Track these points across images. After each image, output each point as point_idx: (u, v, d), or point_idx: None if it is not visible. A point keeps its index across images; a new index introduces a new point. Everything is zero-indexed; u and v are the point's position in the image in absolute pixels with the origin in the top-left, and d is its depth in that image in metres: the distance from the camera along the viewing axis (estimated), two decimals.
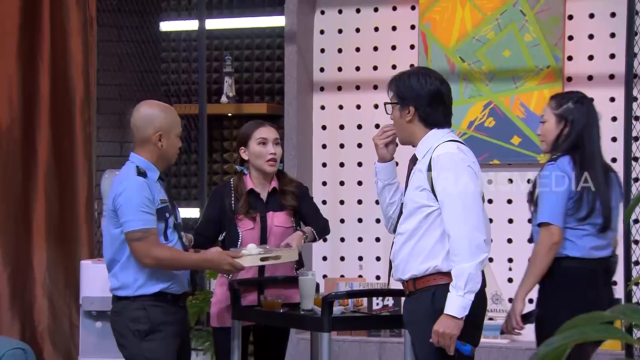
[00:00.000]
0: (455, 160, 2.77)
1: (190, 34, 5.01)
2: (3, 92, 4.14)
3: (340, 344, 4.45)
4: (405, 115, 2.87)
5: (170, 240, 3.13)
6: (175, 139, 3.19)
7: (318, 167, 4.90)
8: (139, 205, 3.02)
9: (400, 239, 2.86)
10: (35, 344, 4.11)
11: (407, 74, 2.93)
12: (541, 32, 4.46)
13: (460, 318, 2.70)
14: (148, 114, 3.13)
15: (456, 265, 2.72)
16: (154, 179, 3.12)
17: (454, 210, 2.74)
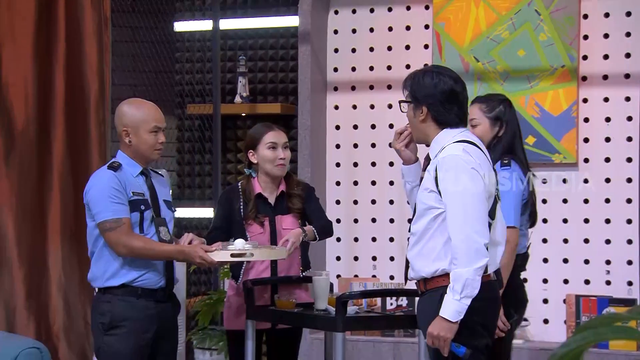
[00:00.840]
0: (458, 162, 2.75)
1: (204, 34, 5.02)
2: (19, 93, 4.16)
3: (354, 344, 4.45)
4: (419, 115, 2.86)
5: (147, 234, 3.16)
6: (147, 135, 3.19)
7: (332, 167, 4.90)
8: (108, 196, 3.08)
9: (412, 239, 2.86)
10: (51, 343, 4.12)
11: (421, 73, 2.92)
12: (556, 32, 4.44)
13: (454, 322, 2.69)
14: (119, 111, 3.22)
15: (455, 269, 2.71)
16: (133, 174, 3.17)
17: (454, 214, 2.73)
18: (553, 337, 4.44)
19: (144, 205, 3.15)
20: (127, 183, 3.13)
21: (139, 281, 3.14)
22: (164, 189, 3.30)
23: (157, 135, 3.18)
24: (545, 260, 4.51)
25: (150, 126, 3.17)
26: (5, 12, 4.13)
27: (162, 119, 3.21)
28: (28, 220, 4.19)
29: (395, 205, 4.77)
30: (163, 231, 3.18)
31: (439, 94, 2.84)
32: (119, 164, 3.15)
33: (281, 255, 3.36)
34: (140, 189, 3.16)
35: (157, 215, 3.18)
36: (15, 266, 4.16)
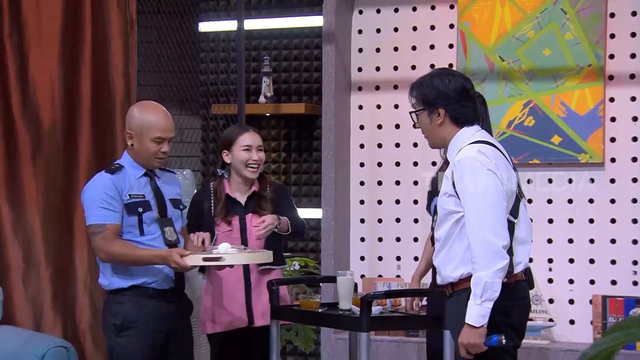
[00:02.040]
0: (474, 164, 2.74)
1: (229, 34, 5.04)
2: (46, 94, 4.20)
3: (378, 344, 4.45)
4: (435, 119, 2.84)
5: (147, 234, 3.17)
6: (149, 143, 3.18)
7: (356, 166, 4.90)
8: (97, 200, 3.10)
9: (437, 245, 2.86)
10: (77, 342, 4.16)
11: (428, 78, 2.90)
12: (582, 31, 4.41)
13: (479, 326, 2.68)
14: (129, 112, 3.24)
15: (474, 273, 2.70)
16: (136, 176, 3.18)
17: (471, 216, 2.72)
18: (579, 338, 4.41)
19: (143, 207, 3.16)
20: (125, 186, 3.15)
21: (149, 282, 3.16)
22: (171, 188, 3.30)
23: (160, 145, 3.18)
24: (572, 260, 4.49)
25: (153, 135, 3.17)
26: (32, 14, 4.17)
27: (169, 129, 3.19)
28: (55, 221, 4.22)
29: (420, 205, 4.76)
30: (168, 231, 3.19)
31: (453, 93, 2.83)
32: (119, 167, 3.17)
33: (264, 259, 3.31)
34: (141, 191, 3.18)
35: (162, 216, 3.19)
36: (42, 266, 4.20)
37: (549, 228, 4.49)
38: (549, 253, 4.50)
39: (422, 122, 2.88)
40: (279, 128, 5.14)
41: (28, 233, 4.18)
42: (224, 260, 3.15)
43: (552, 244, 4.50)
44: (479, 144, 2.80)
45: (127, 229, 3.17)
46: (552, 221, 4.51)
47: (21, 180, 4.19)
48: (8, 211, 4.15)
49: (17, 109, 4.18)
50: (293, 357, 5.02)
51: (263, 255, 3.30)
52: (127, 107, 4.37)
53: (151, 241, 3.18)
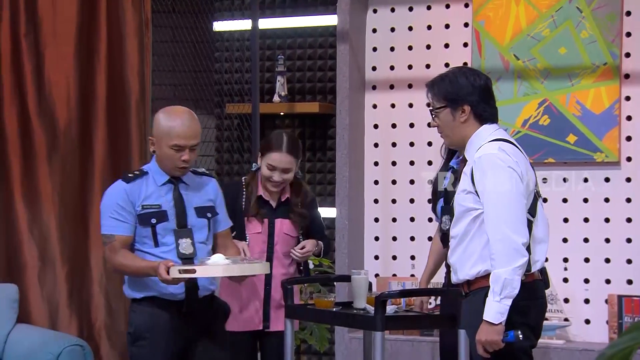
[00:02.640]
0: (494, 161, 2.73)
1: (243, 33, 5.05)
2: (61, 93, 4.22)
3: (392, 343, 4.44)
4: (459, 116, 2.83)
5: (162, 245, 3.06)
6: (167, 150, 3.07)
7: (370, 165, 4.90)
8: (109, 210, 3.06)
9: (453, 242, 2.85)
10: (93, 341, 4.18)
11: (451, 74, 2.89)
12: (598, 29, 4.39)
13: (497, 324, 2.68)
14: (154, 118, 3.17)
15: (493, 270, 2.69)
16: (158, 183, 3.09)
17: (491, 213, 2.71)
18: (595, 337, 4.39)
19: (157, 217, 3.05)
20: (140, 195, 3.05)
21: (160, 293, 3.07)
22: (200, 194, 3.17)
23: (180, 152, 3.06)
24: (587, 260, 4.47)
25: (171, 143, 3.06)
26: (48, 14, 4.19)
27: (188, 136, 3.06)
28: (70, 220, 4.24)
29: None
30: (184, 244, 3.06)
31: (478, 90, 2.83)
32: (139, 173, 3.09)
33: (252, 271, 3.11)
34: (158, 200, 3.07)
35: (181, 226, 3.07)
36: (58, 264, 4.22)
37: (564, 227, 4.47)
38: (564, 252, 4.48)
39: (444, 119, 2.85)
40: (293, 127, 5.15)
41: (44, 232, 4.20)
42: (195, 273, 2.95)
43: (568, 243, 4.48)
44: (500, 142, 2.80)
45: (142, 240, 3.09)
46: (568, 220, 4.49)
47: (37, 180, 4.22)
48: (24, 210, 4.18)
49: (32, 108, 4.20)
50: (307, 356, 5.02)
51: (253, 266, 3.08)
52: (142, 106, 4.40)
53: (165, 253, 3.07)
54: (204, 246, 3.14)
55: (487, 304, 2.69)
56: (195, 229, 3.10)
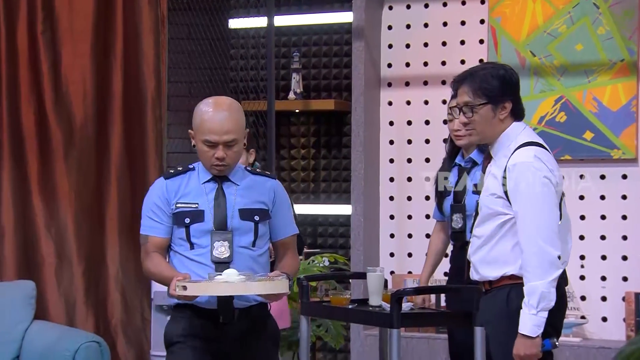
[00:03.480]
0: (532, 171, 2.70)
1: (258, 31, 5.05)
2: (78, 90, 4.24)
3: (408, 340, 4.44)
4: (500, 113, 2.78)
5: (197, 248, 2.79)
6: (201, 145, 2.78)
7: (385, 163, 4.89)
8: (146, 209, 2.85)
9: (476, 242, 2.83)
10: (109, 337, 4.20)
11: (492, 68, 2.81)
12: (615, 25, 4.37)
13: (535, 337, 2.67)
14: (195, 107, 2.86)
15: (528, 283, 2.67)
16: (201, 180, 2.83)
17: (526, 225, 2.68)
18: (612, 335, 4.37)
19: (192, 217, 2.78)
20: (177, 193, 2.81)
21: (194, 301, 2.76)
22: (251, 195, 2.85)
23: (213, 149, 2.76)
24: (604, 257, 4.45)
25: (202, 137, 2.77)
26: (64, 12, 4.21)
27: (220, 131, 2.74)
28: (87, 217, 4.26)
29: None
30: (220, 247, 2.78)
31: (515, 86, 2.81)
32: (184, 169, 2.85)
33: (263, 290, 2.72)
34: (197, 199, 2.80)
35: (218, 228, 2.78)
36: (74, 261, 4.24)
37: (580, 224, 4.45)
38: (581, 250, 4.46)
39: (484, 115, 2.77)
40: (309, 124, 5.14)
41: (61, 229, 4.22)
42: (186, 291, 2.66)
43: (584, 240, 4.46)
44: (534, 147, 2.75)
45: (178, 241, 2.83)
46: (584, 218, 4.47)
47: (54, 177, 4.24)
48: (41, 207, 4.20)
49: (49, 105, 4.22)
50: (323, 353, 5.02)
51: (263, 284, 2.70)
52: (158, 103, 4.41)
53: (199, 257, 2.80)
54: (248, 252, 2.82)
55: (523, 318, 2.67)
56: (237, 232, 2.80)
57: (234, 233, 2.79)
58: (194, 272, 2.78)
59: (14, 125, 4.16)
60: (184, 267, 2.81)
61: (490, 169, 2.82)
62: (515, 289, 2.73)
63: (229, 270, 2.71)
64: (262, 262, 2.87)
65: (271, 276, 2.76)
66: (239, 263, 2.78)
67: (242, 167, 2.90)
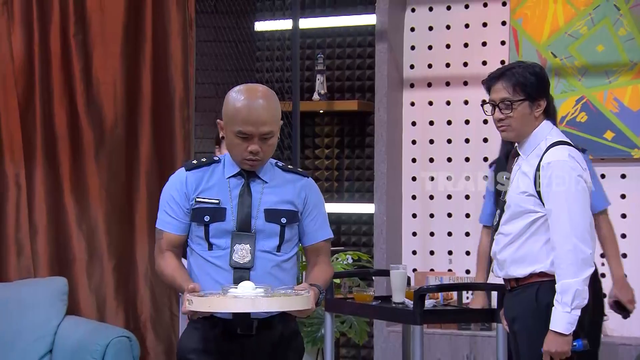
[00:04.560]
0: (567, 170, 2.67)
1: (283, 33, 5.04)
2: (109, 91, 4.26)
3: (430, 337, 4.41)
4: (536, 110, 2.76)
5: (216, 249, 2.47)
6: (232, 137, 2.44)
7: (408, 162, 4.87)
8: (163, 202, 2.52)
9: (504, 239, 2.79)
10: (139, 333, 4.21)
11: (528, 66, 2.78)
12: (636, 26, 4.32)
13: (568, 334, 2.64)
14: (226, 96, 2.52)
15: (561, 280, 2.64)
16: (226, 175, 2.49)
17: (560, 223, 2.65)
18: (633, 332, 4.32)
19: (212, 215, 2.45)
20: (199, 186, 2.48)
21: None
22: (280, 194, 2.51)
23: (247, 142, 2.42)
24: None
25: (235, 128, 2.42)
26: (96, 15, 4.23)
27: (255, 122, 2.40)
28: (117, 215, 4.27)
29: (471, 200, 4.71)
30: (240, 250, 2.45)
31: (548, 85, 2.79)
32: (206, 161, 2.52)
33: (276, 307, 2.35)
34: (219, 195, 2.47)
35: (240, 230, 2.45)
36: (105, 258, 4.26)
37: None
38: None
39: (521, 112, 2.74)
40: (332, 125, 5.13)
41: (91, 227, 4.24)
42: (192, 305, 2.33)
43: None
44: (567, 146, 2.73)
45: (196, 240, 2.50)
46: None
47: (85, 176, 4.25)
48: (73, 205, 4.22)
49: (81, 107, 4.24)
50: (346, 348, 5.01)
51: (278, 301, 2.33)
52: (186, 104, 4.42)
53: (217, 259, 2.47)
54: (272, 257, 2.48)
55: (555, 315, 2.65)
56: (261, 235, 2.46)
57: (258, 236, 2.46)
58: (210, 277, 2.46)
59: (47, 126, 4.18)
60: (200, 269, 2.49)
61: (520, 167, 2.79)
62: (544, 286, 2.70)
63: (245, 283, 2.37)
64: (288, 269, 2.52)
65: (297, 290, 2.39)
66: (260, 269, 2.45)
67: (273, 163, 2.55)
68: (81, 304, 4.18)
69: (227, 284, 2.40)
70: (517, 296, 2.78)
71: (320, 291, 2.47)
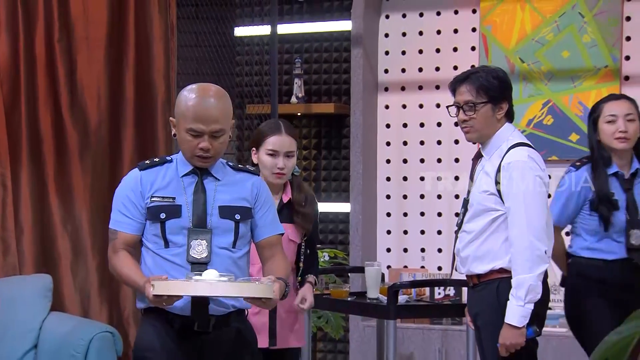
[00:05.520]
0: (526, 170, 2.71)
1: (262, 38, 5.06)
2: (92, 95, 4.26)
3: (404, 331, 4.46)
4: (498, 112, 2.79)
5: (173, 246, 2.43)
6: (183, 134, 2.40)
7: (382, 163, 4.91)
8: (118, 202, 2.48)
9: (466, 237, 2.83)
10: (122, 328, 4.21)
11: (491, 71, 2.82)
12: (599, 33, 4.39)
13: (521, 327, 2.68)
14: (178, 95, 2.50)
15: (517, 275, 2.69)
16: (180, 174, 2.46)
17: (518, 221, 2.70)
18: None
19: (167, 212, 2.42)
20: (153, 185, 2.45)
21: (168, 306, 2.35)
22: (233, 191, 2.49)
23: (198, 139, 2.40)
24: None
25: (186, 126, 2.40)
26: (80, 21, 4.23)
27: (206, 119, 2.39)
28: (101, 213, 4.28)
29: (443, 200, 4.76)
30: (198, 247, 2.41)
31: (511, 89, 2.83)
32: (161, 161, 2.50)
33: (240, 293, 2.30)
34: (174, 193, 2.44)
35: (197, 226, 2.42)
36: (89, 256, 4.26)
37: None
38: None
39: (484, 114, 2.77)
40: (310, 127, 5.16)
41: (76, 226, 4.24)
42: (154, 289, 2.27)
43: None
44: (526, 148, 2.76)
45: (152, 238, 2.46)
46: None
47: (70, 177, 4.25)
48: (58, 205, 4.21)
49: (66, 110, 4.24)
50: (323, 343, 5.05)
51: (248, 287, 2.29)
52: (168, 107, 4.43)
53: (175, 257, 2.43)
54: (228, 253, 2.46)
55: (510, 309, 2.69)
56: (217, 232, 2.44)
57: (213, 232, 2.42)
58: (168, 274, 2.39)
59: (33, 128, 4.18)
60: (158, 267, 2.43)
61: (483, 167, 2.83)
62: (504, 283, 2.75)
63: (210, 270, 2.32)
64: (242, 265, 2.49)
65: (263, 280, 2.36)
66: (218, 265, 2.39)
67: (224, 162, 2.54)
68: (66, 300, 4.18)
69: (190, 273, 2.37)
70: (479, 292, 2.83)
71: (286, 284, 2.45)
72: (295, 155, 3.09)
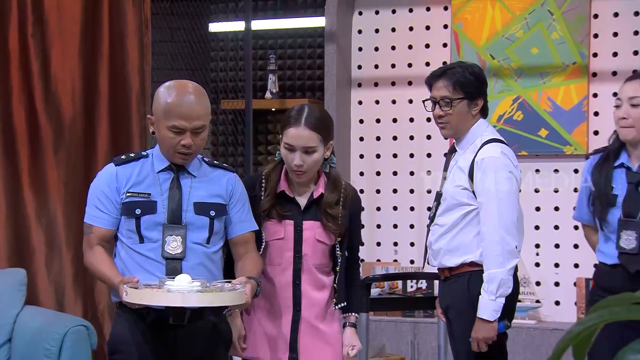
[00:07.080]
0: (498, 166, 2.70)
1: (237, 34, 5.03)
2: (66, 89, 4.20)
3: (377, 324, 4.45)
4: (474, 109, 2.77)
5: (147, 242, 2.40)
6: (165, 132, 2.38)
7: (355, 158, 4.90)
8: (93, 197, 2.47)
9: (438, 230, 2.82)
10: (96, 322, 4.17)
11: (467, 67, 2.80)
12: (568, 30, 4.41)
13: (493, 321, 2.69)
14: (156, 92, 2.47)
15: (488, 270, 2.68)
16: (156, 169, 2.44)
17: (490, 216, 2.69)
18: (564, 317, 4.42)
19: (142, 208, 2.40)
20: (129, 180, 2.43)
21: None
22: (208, 188, 2.46)
23: (180, 136, 2.37)
24: (557, 245, 4.49)
25: (169, 123, 2.37)
26: (53, 15, 4.17)
27: (189, 116, 2.37)
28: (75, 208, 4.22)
29: (415, 194, 4.77)
30: (173, 242, 2.38)
31: (486, 85, 2.82)
32: (137, 156, 2.47)
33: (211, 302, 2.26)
34: (149, 189, 2.42)
35: (172, 222, 2.40)
36: (64, 250, 4.21)
37: (536, 215, 4.49)
38: (536, 239, 4.50)
39: (460, 110, 2.74)
40: None
41: (50, 220, 4.19)
42: (126, 296, 2.26)
43: (539, 230, 4.50)
44: (499, 144, 2.75)
45: (127, 233, 2.43)
46: (539, 209, 4.51)
47: (44, 170, 4.19)
48: (32, 199, 4.16)
49: (39, 103, 4.18)
50: None
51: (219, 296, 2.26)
52: (142, 102, 4.39)
53: (149, 252, 2.41)
54: (202, 249, 2.43)
55: (482, 303, 2.69)
56: (191, 227, 2.41)
57: (188, 228, 2.40)
58: (143, 269, 2.40)
59: (6, 123, 4.11)
60: (133, 262, 2.41)
61: (457, 162, 2.83)
62: (474, 276, 2.74)
63: (182, 276, 2.29)
64: (217, 260, 2.48)
65: (234, 283, 2.33)
66: (192, 260, 2.40)
67: (199, 158, 2.51)
68: (40, 294, 4.13)
69: (163, 276, 2.35)
70: (450, 285, 2.82)
71: (258, 283, 2.45)
72: (321, 150, 2.55)
